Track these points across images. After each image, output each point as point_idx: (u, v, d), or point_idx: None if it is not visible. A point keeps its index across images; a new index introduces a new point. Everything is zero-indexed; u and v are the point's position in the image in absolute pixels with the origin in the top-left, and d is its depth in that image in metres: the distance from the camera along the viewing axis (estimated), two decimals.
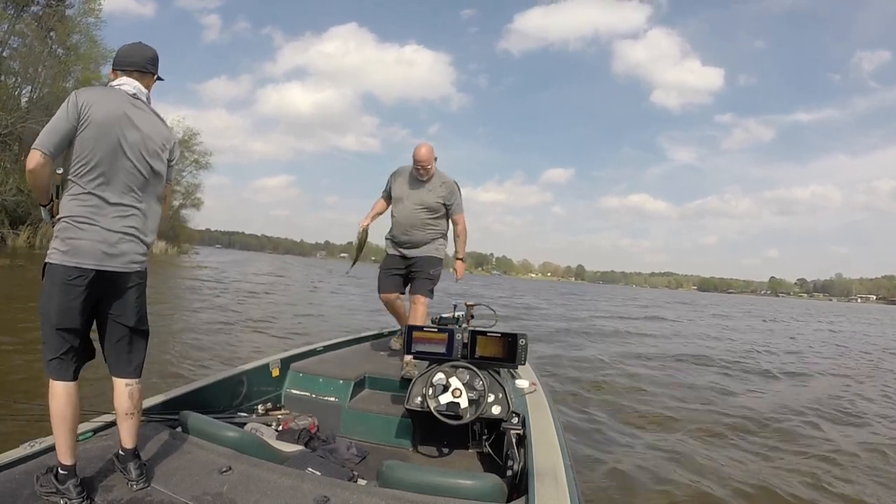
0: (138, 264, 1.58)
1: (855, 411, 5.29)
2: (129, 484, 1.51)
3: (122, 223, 1.53)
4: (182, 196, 38.20)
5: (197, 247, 44.83)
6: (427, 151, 3.19)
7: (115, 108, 1.53)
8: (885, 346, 13.02)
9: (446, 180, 3.28)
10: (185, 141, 35.71)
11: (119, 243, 1.52)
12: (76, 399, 1.50)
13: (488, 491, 1.48)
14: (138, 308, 1.61)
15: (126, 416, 1.57)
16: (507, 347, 2.43)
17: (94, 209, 1.49)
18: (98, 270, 1.49)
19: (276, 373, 2.86)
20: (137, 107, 1.59)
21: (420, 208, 3.26)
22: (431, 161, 3.20)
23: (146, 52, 1.69)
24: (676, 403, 5.11)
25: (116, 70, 1.65)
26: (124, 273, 1.54)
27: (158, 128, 1.63)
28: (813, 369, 8.12)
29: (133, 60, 1.65)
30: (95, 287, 1.50)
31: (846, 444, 4.06)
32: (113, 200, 1.51)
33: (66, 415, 1.46)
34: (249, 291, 14.18)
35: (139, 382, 1.62)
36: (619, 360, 7.54)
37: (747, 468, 3.43)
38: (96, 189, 1.49)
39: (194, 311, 8.85)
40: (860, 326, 22.16)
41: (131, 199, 1.55)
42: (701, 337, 12.21)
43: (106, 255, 1.49)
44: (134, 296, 1.59)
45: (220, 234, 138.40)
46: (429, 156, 3.19)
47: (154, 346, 2.09)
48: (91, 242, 1.48)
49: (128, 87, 1.60)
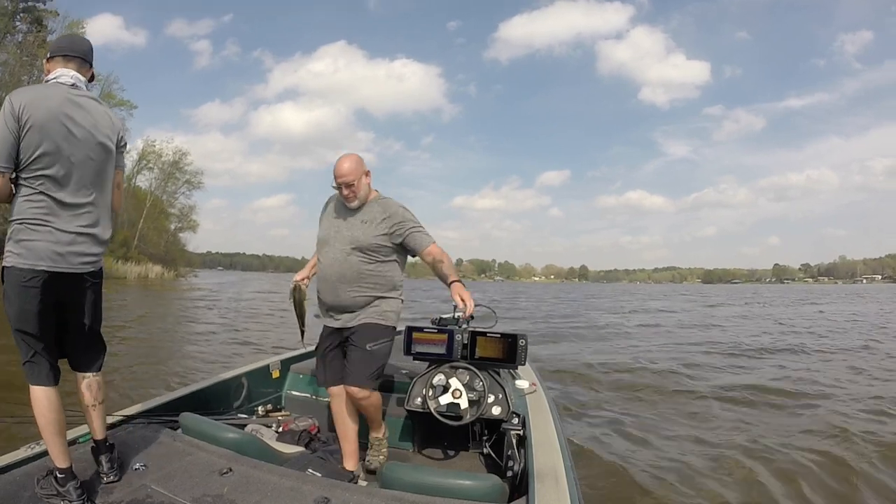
0: (92, 265, 1.56)
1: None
2: (101, 476, 1.53)
3: (76, 223, 1.50)
4: (177, 219, 38.47)
5: (198, 270, 44.74)
6: (351, 164, 2.11)
7: (54, 106, 1.47)
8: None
9: (388, 206, 2.18)
10: (176, 162, 36.22)
11: (72, 244, 1.49)
12: (57, 403, 1.49)
13: (489, 491, 1.48)
14: (95, 306, 1.61)
15: (90, 409, 1.59)
16: (507, 348, 2.43)
17: (45, 210, 1.46)
18: (52, 272, 1.46)
19: (276, 374, 2.86)
20: (78, 98, 1.53)
21: (351, 251, 2.12)
22: (359, 177, 2.12)
23: (87, 43, 1.66)
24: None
25: (55, 57, 1.58)
26: (79, 274, 1.52)
27: (102, 116, 1.57)
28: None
29: (76, 48, 1.60)
30: (51, 289, 1.47)
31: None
32: (65, 200, 1.48)
33: (48, 419, 1.46)
34: (250, 308, 14.23)
35: (97, 375, 1.63)
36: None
37: (750, 467, 3.43)
38: (47, 189, 1.46)
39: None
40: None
41: (84, 196, 1.51)
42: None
43: (59, 256, 1.47)
44: (90, 295, 1.58)
45: (220, 256, 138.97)
46: (354, 169, 2.11)
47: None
48: (44, 244, 1.45)
49: (66, 79, 1.54)
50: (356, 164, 2.13)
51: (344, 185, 2.12)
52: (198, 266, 46.66)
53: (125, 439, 1.74)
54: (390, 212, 2.15)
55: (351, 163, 2.12)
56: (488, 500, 1.47)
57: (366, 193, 2.17)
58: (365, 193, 2.17)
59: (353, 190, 2.12)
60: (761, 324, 14.14)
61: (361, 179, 2.13)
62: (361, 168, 2.14)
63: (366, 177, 2.16)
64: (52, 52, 1.60)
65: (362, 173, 2.14)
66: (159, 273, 31.51)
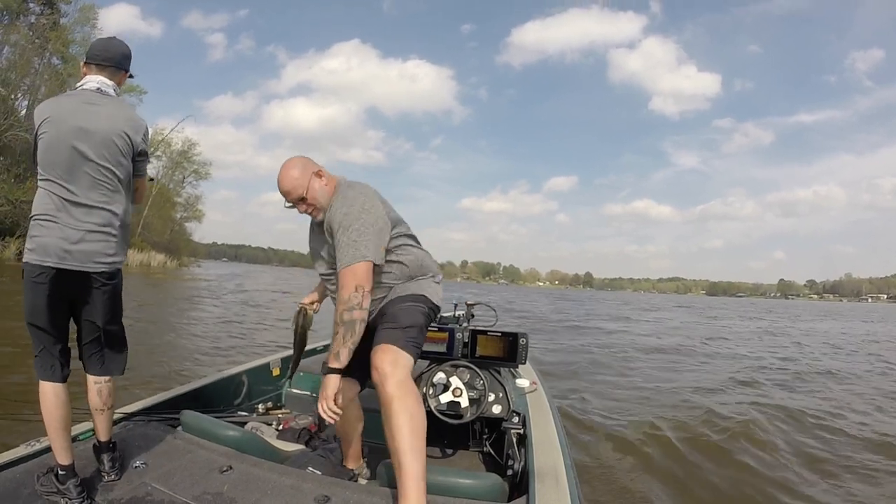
0: (105, 264, 1.52)
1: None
2: (102, 475, 1.53)
3: (85, 220, 1.49)
4: (183, 208, 38.40)
5: (203, 260, 44.45)
6: (292, 175, 1.65)
7: (67, 113, 1.51)
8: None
9: (336, 210, 1.63)
10: (185, 152, 36.22)
11: (81, 242, 1.48)
12: (63, 400, 1.50)
13: (489, 490, 1.48)
14: (106, 308, 1.57)
15: (97, 412, 1.59)
16: (508, 347, 2.43)
17: (56, 207, 1.47)
18: (59, 269, 1.46)
19: (276, 372, 2.86)
20: (98, 103, 1.55)
21: (334, 273, 1.67)
22: (307, 185, 1.65)
23: (121, 48, 1.66)
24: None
25: (90, 63, 1.61)
26: (88, 272, 1.50)
27: (120, 122, 1.56)
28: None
29: (109, 56, 1.62)
30: (59, 285, 1.47)
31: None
32: (76, 198, 1.48)
33: (52, 415, 1.47)
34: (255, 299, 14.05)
35: (109, 381, 1.61)
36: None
37: (750, 471, 3.43)
38: (58, 188, 1.48)
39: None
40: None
41: (97, 196, 1.51)
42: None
43: (67, 253, 1.46)
44: (101, 296, 1.54)
45: (226, 247, 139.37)
46: (298, 179, 1.65)
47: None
48: (53, 240, 1.46)
49: (91, 84, 1.57)
50: (300, 170, 1.65)
51: (296, 204, 1.67)
52: (203, 256, 46.30)
53: (125, 437, 1.74)
54: (338, 219, 1.61)
55: (292, 173, 1.64)
56: (488, 498, 1.47)
57: (325, 198, 1.67)
58: (325, 199, 1.67)
59: (309, 204, 1.67)
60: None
61: (312, 186, 1.65)
62: (308, 172, 1.66)
63: (317, 178, 1.67)
64: (87, 59, 1.63)
65: (310, 177, 1.66)
66: (162, 262, 31.27)
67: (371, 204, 1.64)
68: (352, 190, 1.68)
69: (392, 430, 1.40)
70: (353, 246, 1.56)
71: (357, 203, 1.62)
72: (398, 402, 1.42)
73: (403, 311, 1.67)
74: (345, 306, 1.53)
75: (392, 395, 1.43)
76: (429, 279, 1.80)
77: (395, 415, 1.40)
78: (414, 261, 1.76)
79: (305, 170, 1.67)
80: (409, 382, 1.49)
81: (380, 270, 1.67)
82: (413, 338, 1.61)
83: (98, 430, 1.59)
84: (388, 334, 1.59)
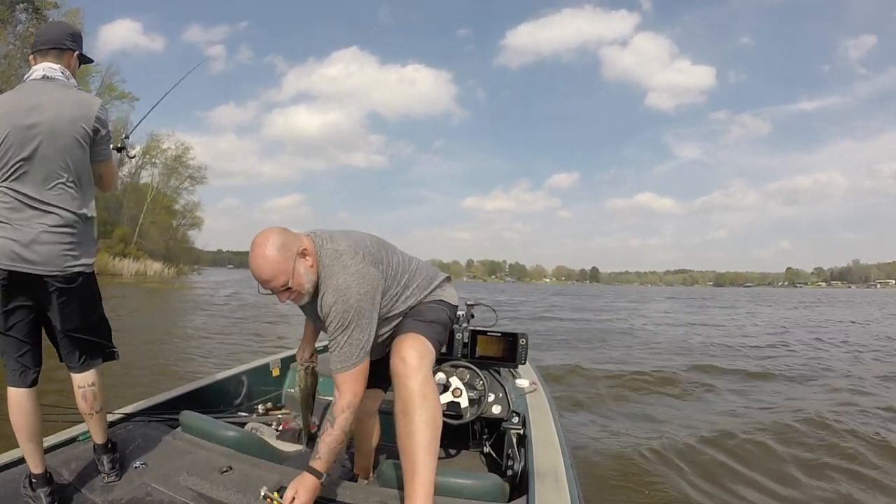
0: (60, 268, 1.42)
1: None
2: (102, 476, 1.52)
3: (39, 221, 1.40)
4: (181, 216, 38.20)
5: (207, 267, 43.70)
6: (270, 263, 1.38)
7: (11, 109, 1.42)
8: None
9: (326, 299, 1.44)
10: (179, 156, 35.99)
11: (34, 243, 1.39)
12: (28, 408, 1.44)
13: (489, 490, 1.48)
14: (68, 313, 1.47)
15: (86, 416, 1.56)
16: (508, 347, 2.43)
17: (8, 207, 1.40)
18: (11, 271, 1.38)
19: (276, 372, 2.86)
20: (44, 92, 1.45)
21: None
22: (288, 271, 1.39)
23: (63, 27, 1.59)
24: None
25: (34, 54, 1.52)
26: (42, 275, 1.41)
27: (68, 108, 1.45)
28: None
29: (48, 38, 1.53)
30: (14, 288, 1.40)
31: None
32: (30, 197, 1.40)
33: (18, 423, 1.43)
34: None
35: (94, 385, 1.55)
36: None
37: (752, 465, 3.43)
38: (10, 185, 1.40)
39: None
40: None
41: (51, 195, 1.42)
42: None
43: (18, 256, 1.38)
44: (61, 300, 1.45)
45: (231, 254, 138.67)
46: (277, 266, 1.38)
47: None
48: (4, 241, 1.38)
49: (36, 74, 1.49)
50: (281, 252, 1.38)
51: (278, 294, 1.42)
52: (208, 264, 45.75)
53: (125, 437, 1.74)
54: (335, 317, 1.42)
55: (272, 256, 1.37)
56: (488, 499, 1.47)
57: (312, 282, 1.44)
58: (311, 284, 1.44)
59: (293, 292, 1.42)
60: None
61: (297, 271, 1.39)
62: (290, 253, 1.39)
63: (302, 259, 1.41)
64: (31, 51, 1.55)
65: (293, 259, 1.39)
66: (159, 270, 30.60)
67: (367, 287, 1.43)
68: (344, 272, 1.43)
69: (411, 428, 1.34)
70: (356, 346, 1.41)
71: (352, 294, 1.41)
72: (423, 399, 1.36)
73: (428, 308, 1.62)
74: (344, 414, 1.40)
75: (417, 392, 1.36)
76: (439, 287, 1.71)
77: (417, 412, 1.34)
78: (417, 289, 1.63)
79: (287, 251, 1.38)
80: (433, 380, 1.45)
81: (390, 321, 1.58)
82: (439, 333, 1.57)
83: (92, 433, 1.57)
84: (416, 325, 1.52)
